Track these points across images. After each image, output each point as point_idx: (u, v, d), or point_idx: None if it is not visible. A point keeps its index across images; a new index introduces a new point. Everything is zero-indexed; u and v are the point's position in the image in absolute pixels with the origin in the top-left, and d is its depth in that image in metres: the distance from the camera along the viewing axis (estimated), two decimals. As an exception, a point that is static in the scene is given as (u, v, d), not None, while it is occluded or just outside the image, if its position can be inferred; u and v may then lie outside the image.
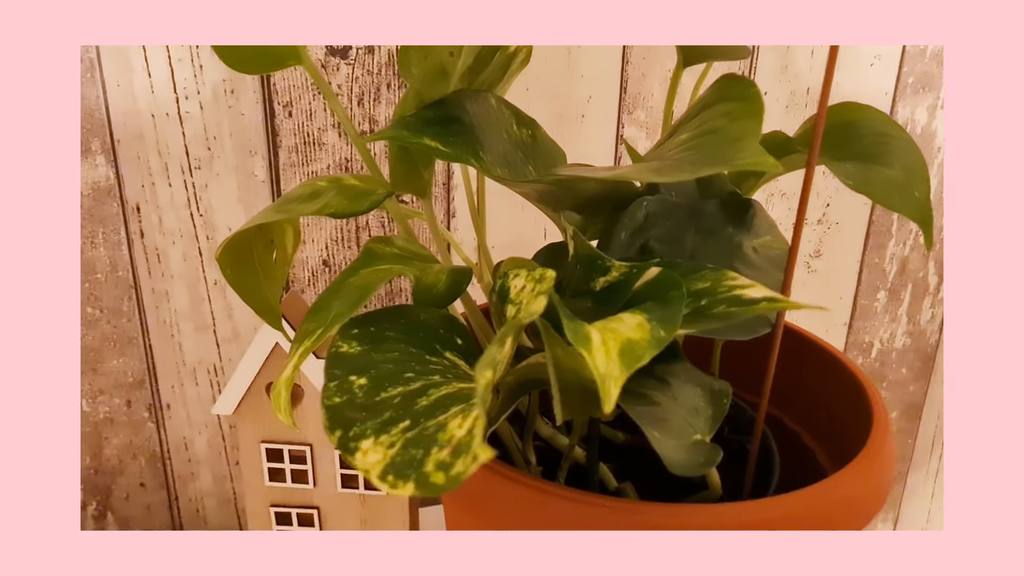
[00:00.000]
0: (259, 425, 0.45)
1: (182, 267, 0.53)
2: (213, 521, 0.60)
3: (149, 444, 0.57)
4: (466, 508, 0.33)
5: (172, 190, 0.51)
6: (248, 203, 0.52)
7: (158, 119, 0.49)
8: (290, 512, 0.47)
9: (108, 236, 0.51)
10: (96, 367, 0.54)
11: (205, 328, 0.55)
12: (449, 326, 0.33)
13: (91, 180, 0.49)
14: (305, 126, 0.52)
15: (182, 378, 0.56)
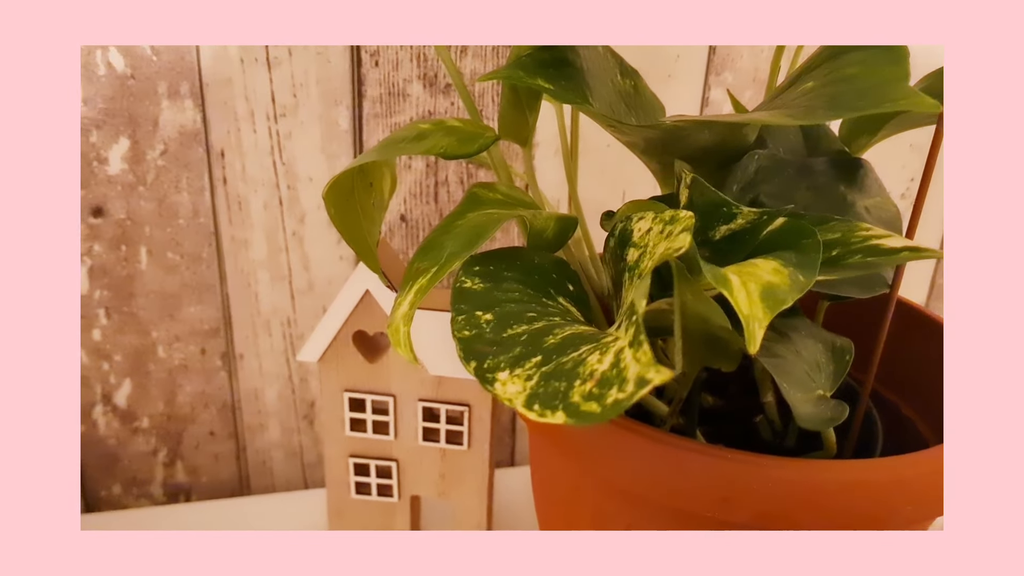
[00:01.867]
0: (343, 374, 0.45)
1: (262, 216, 0.53)
2: (279, 474, 0.61)
3: (221, 393, 0.57)
4: (575, 459, 0.33)
5: (256, 137, 0.51)
6: (330, 153, 0.52)
7: (247, 64, 0.49)
8: (368, 463, 0.47)
9: (192, 181, 0.51)
10: (173, 313, 0.54)
11: (281, 279, 0.55)
12: (561, 271, 0.32)
13: (178, 123, 0.49)
14: (391, 76, 0.51)
15: (256, 328, 0.56)
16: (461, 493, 0.47)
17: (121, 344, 0.54)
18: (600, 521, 0.34)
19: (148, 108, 0.48)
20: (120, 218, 0.50)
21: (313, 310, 0.56)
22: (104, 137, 0.48)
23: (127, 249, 0.51)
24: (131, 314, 0.53)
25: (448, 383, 0.44)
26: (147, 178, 0.50)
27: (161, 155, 0.50)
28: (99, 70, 0.47)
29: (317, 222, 0.54)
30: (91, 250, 0.51)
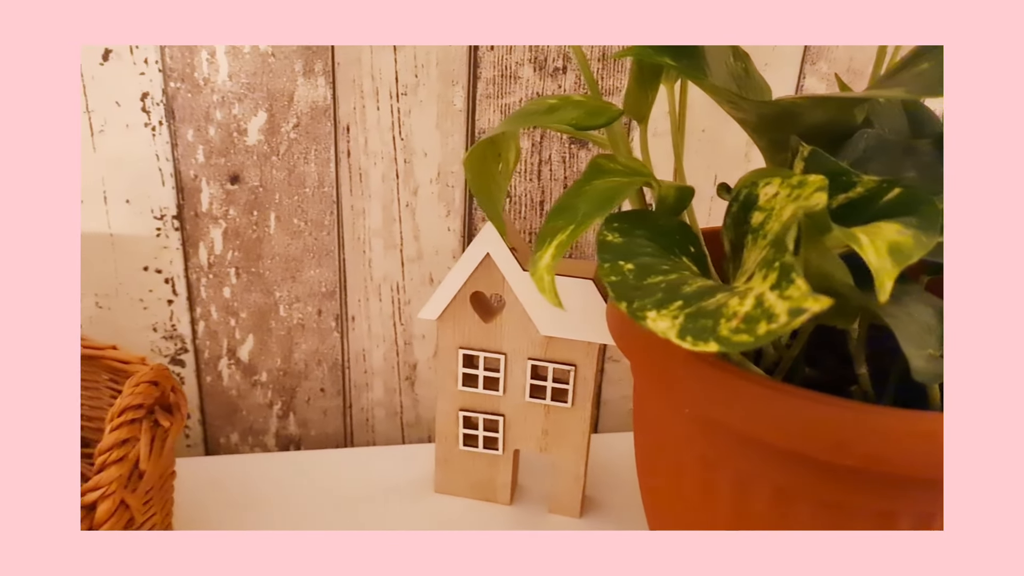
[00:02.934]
0: (459, 332, 0.48)
1: (380, 187, 0.57)
2: (380, 430, 0.65)
3: (332, 352, 0.61)
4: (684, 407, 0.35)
5: (379, 114, 0.55)
6: (444, 130, 0.56)
7: (376, 47, 0.53)
8: (477, 417, 0.50)
9: (319, 153, 0.55)
10: (295, 275, 0.58)
11: (393, 247, 0.59)
12: (683, 234, 0.35)
13: (311, 99, 0.53)
14: (504, 59, 0.54)
15: (368, 293, 0.60)
16: (562, 449, 0.50)
17: (247, 302, 0.58)
18: (708, 468, 0.37)
19: (285, 84, 0.53)
20: (254, 185, 0.55)
21: (420, 278, 0.60)
22: (245, 110, 0.53)
23: (258, 214, 0.56)
24: (258, 274, 0.58)
25: (556, 343, 0.47)
26: (280, 149, 0.54)
27: (294, 128, 0.54)
28: (244, 48, 0.51)
29: (429, 195, 0.57)
30: (226, 214, 0.56)
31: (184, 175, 0.54)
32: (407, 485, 0.55)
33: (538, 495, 0.54)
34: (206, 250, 0.56)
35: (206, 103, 0.52)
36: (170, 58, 0.51)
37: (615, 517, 0.52)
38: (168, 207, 0.55)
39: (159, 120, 0.52)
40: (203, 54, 0.51)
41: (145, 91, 0.51)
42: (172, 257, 0.56)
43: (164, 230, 0.55)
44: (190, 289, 0.57)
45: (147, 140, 0.53)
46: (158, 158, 0.53)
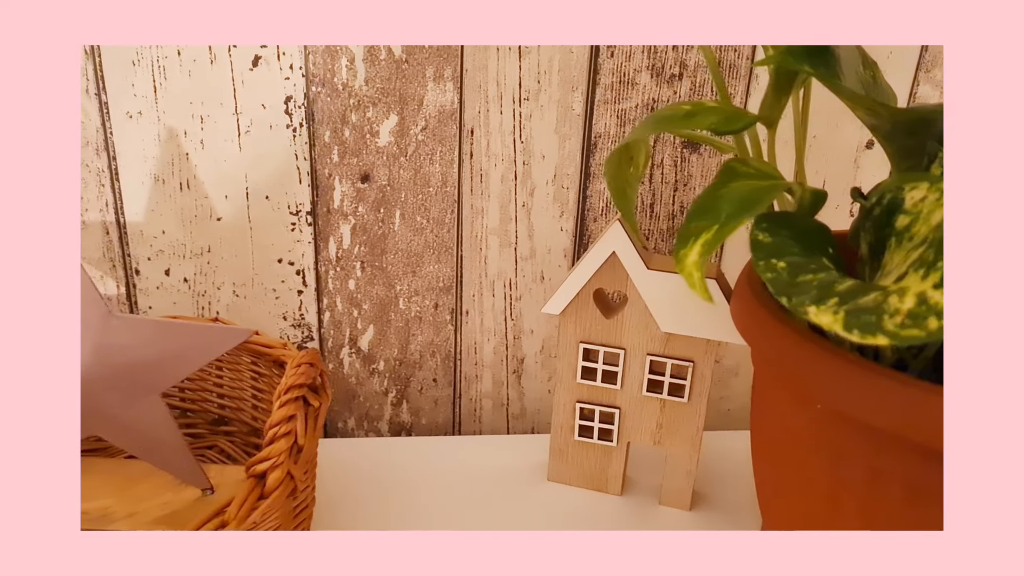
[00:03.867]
0: (580, 327, 0.51)
1: (499, 188, 0.59)
2: (486, 422, 0.68)
3: (446, 345, 0.64)
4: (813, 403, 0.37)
5: (502, 117, 0.57)
6: (562, 134, 0.58)
7: (502, 52, 0.55)
8: (594, 409, 0.52)
9: (444, 155, 0.58)
10: (416, 270, 0.61)
11: (508, 245, 0.61)
12: (822, 235, 0.37)
13: (439, 103, 0.56)
14: (623, 66, 0.56)
15: (482, 288, 0.63)
16: (675, 442, 0.52)
17: (370, 294, 0.62)
18: (837, 464, 0.38)
19: (416, 89, 0.56)
20: (382, 184, 0.58)
21: (532, 275, 0.62)
22: (378, 113, 0.56)
23: (384, 211, 0.59)
24: (381, 268, 0.61)
25: (676, 340, 0.49)
26: (408, 150, 0.58)
27: (422, 131, 0.57)
28: (381, 55, 0.55)
29: (544, 196, 0.60)
30: (356, 211, 0.59)
31: (320, 174, 0.58)
32: (519, 473, 0.57)
33: (647, 487, 0.56)
34: (335, 244, 0.60)
35: (343, 106, 0.56)
36: (313, 64, 0.54)
37: (724, 512, 0.54)
38: (303, 203, 0.58)
39: (300, 122, 0.56)
40: (343, 60, 0.55)
41: (289, 95, 0.55)
42: (304, 250, 0.60)
43: (299, 225, 0.59)
44: (319, 281, 0.61)
45: (288, 141, 0.56)
46: (297, 157, 0.57)
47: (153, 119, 0.55)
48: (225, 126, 0.55)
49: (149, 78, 0.54)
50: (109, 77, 0.53)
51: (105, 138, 0.55)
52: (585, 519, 0.53)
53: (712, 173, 0.60)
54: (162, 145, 0.55)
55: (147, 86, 0.54)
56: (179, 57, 0.53)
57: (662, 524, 0.52)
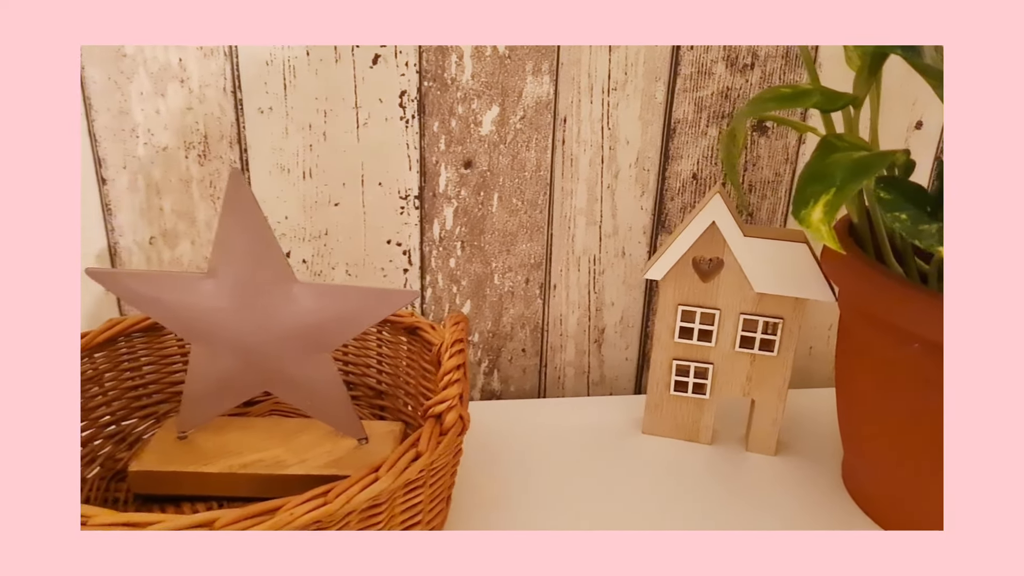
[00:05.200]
0: (679, 290, 0.57)
1: (587, 172, 0.65)
2: (569, 388, 0.74)
3: (535, 317, 0.70)
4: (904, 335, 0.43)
5: (592, 107, 0.63)
6: (645, 120, 0.64)
7: (594, 47, 0.61)
8: (689, 365, 0.59)
9: (539, 142, 0.64)
10: (510, 248, 0.67)
11: (593, 224, 0.67)
12: (922, 194, 0.43)
13: (536, 95, 0.62)
14: (701, 57, 0.62)
15: (569, 264, 0.69)
16: (763, 393, 0.58)
17: (468, 271, 0.68)
18: (928, 390, 0.44)
19: (516, 82, 0.62)
20: (483, 169, 0.64)
21: (615, 251, 0.68)
22: (482, 104, 0.62)
23: (484, 195, 0.65)
24: (479, 247, 0.67)
25: (767, 299, 0.55)
26: (507, 138, 0.63)
27: (520, 120, 0.63)
28: (487, 52, 0.61)
29: (627, 178, 0.66)
30: (459, 194, 0.65)
31: (427, 161, 0.63)
32: (613, 428, 0.63)
33: (732, 436, 0.62)
34: (439, 226, 0.66)
35: (451, 99, 0.62)
36: (426, 61, 0.60)
37: (805, 456, 0.60)
38: (412, 189, 0.64)
39: (412, 114, 0.62)
40: (453, 57, 0.60)
41: (403, 90, 0.61)
42: (411, 232, 0.66)
43: (407, 208, 0.65)
44: (423, 259, 0.67)
45: (400, 131, 0.62)
46: (408, 147, 0.63)
47: (282, 114, 0.60)
48: (345, 119, 0.61)
49: (280, 77, 0.59)
50: (244, 76, 0.59)
51: (238, 132, 0.60)
52: (680, 466, 0.59)
53: (778, 154, 0.66)
54: (289, 138, 0.61)
55: (278, 84, 0.59)
56: (308, 57, 0.59)
57: (751, 468, 0.58)
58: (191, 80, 0.58)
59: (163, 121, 0.59)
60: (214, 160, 0.61)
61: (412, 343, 0.58)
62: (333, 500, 0.37)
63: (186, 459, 0.50)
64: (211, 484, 0.49)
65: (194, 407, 0.50)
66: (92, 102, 0.58)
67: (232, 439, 0.52)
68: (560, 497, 0.55)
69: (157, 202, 0.61)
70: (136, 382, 0.57)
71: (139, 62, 0.57)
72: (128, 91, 0.58)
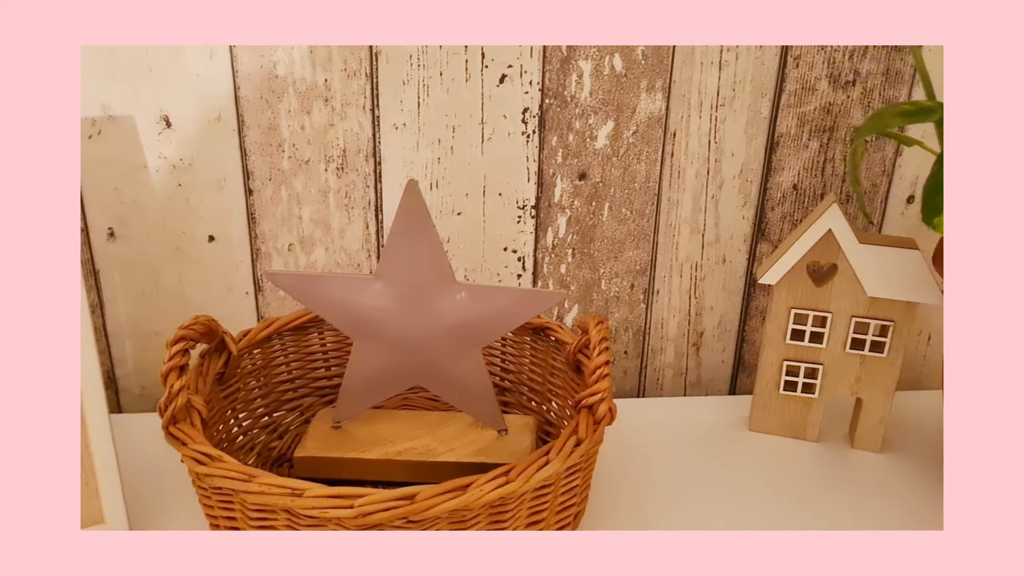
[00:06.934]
0: (792, 294, 0.60)
1: (693, 183, 0.69)
2: (667, 390, 0.77)
3: (637, 321, 0.74)
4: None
5: (700, 121, 0.67)
6: (750, 134, 0.68)
7: (704, 66, 0.65)
8: (799, 366, 0.62)
9: (649, 155, 0.68)
10: (618, 255, 0.71)
11: (696, 232, 0.71)
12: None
13: (648, 111, 0.66)
14: (806, 75, 0.66)
15: (672, 271, 0.72)
16: (871, 393, 0.61)
17: (578, 277, 0.72)
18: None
19: (630, 99, 0.66)
20: (596, 181, 0.68)
21: (716, 258, 0.72)
22: (598, 120, 0.66)
23: (595, 205, 0.69)
24: (588, 255, 0.71)
25: (879, 303, 0.58)
26: (620, 151, 0.67)
27: (632, 134, 0.67)
28: (604, 71, 0.65)
29: (731, 189, 0.69)
30: (572, 204, 0.69)
31: (545, 173, 0.68)
32: (720, 425, 0.67)
33: (836, 433, 0.65)
34: (552, 234, 0.70)
35: (570, 115, 0.66)
36: (548, 80, 0.64)
37: (910, 454, 0.63)
38: (529, 199, 0.68)
39: (533, 130, 0.66)
40: (573, 76, 0.65)
41: (526, 107, 0.65)
42: (526, 240, 0.70)
43: (523, 218, 0.69)
44: (536, 266, 0.71)
45: (521, 145, 0.66)
46: (527, 160, 0.67)
47: (415, 130, 0.65)
48: (472, 134, 0.65)
49: (415, 95, 0.64)
50: (382, 95, 0.63)
51: (374, 147, 0.65)
52: (788, 461, 0.62)
53: (875, 166, 0.69)
54: (419, 151, 0.66)
55: (412, 102, 0.64)
56: (441, 77, 0.63)
57: (857, 464, 0.61)
58: (335, 99, 0.63)
59: (307, 136, 0.64)
60: (350, 172, 0.66)
61: (537, 342, 0.62)
62: (515, 479, 0.41)
63: (345, 446, 0.54)
64: (369, 469, 0.53)
65: (351, 399, 0.55)
66: (244, 119, 0.63)
67: (382, 429, 0.56)
68: (679, 492, 0.58)
69: (297, 211, 0.66)
70: (284, 377, 0.61)
71: (289, 82, 0.62)
72: (277, 108, 0.63)
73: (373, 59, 0.62)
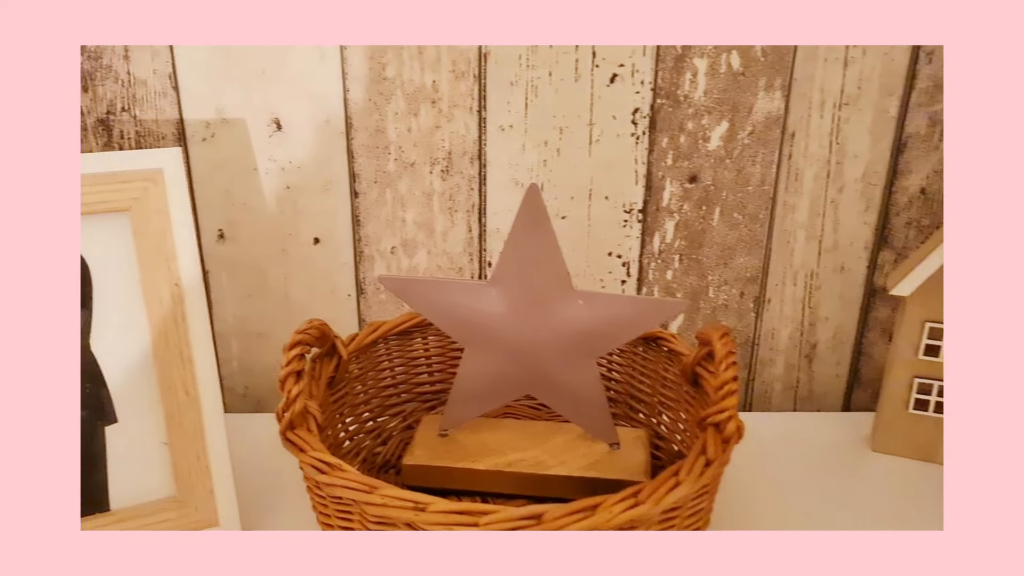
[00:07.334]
0: (927, 308, 0.56)
1: (811, 186, 0.65)
2: (775, 402, 0.73)
3: (746, 330, 0.70)
4: None
5: (822, 121, 0.63)
6: (876, 135, 0.64)
7: (828, 63, 0.61)
8: (932, 384, 0.57)
9: (765, 156, 0.64)
10: (727, 262, 0.68)
11: (813, 238, 0.67)
12: None
13: (766, 110, 0.63)
14: (939, 72, 0.62)
15: (785, 279, 0.69)
16: (1013, 415, 0.56)
17: (684, 284, 0.69)
18: None
19: (747, 98, 0.63)
20: (707, 184, 0.65)
21: (833, 266, 0.68)
22: (712, 120, 0.63)
23: (706, 209, 0.66)
24: (696, 260, 0.68)
25: (1027, 318, 0.54)
26: (733, 153, 0.64)
27: (748, 135, 0.64)
28: (720, 69, 0.62)
29: (852, 192, 0.65)
30: (681, 208, 0.66)
31: (653, 176, 0.65)
32: (839, 444, 0.63)
33: (970, 459, 0.61)
34: (659, 239, 0.67)
35: (682, 116, 0.63)
36: (661, 79, 0.62)
37: (1055, 481, 0.58)
38: (636, 202, 0.66)
39: (643, 131, 0.64)
40: (687, 75, 0.62)
41: (637, 107, 0.63)
42: (632, 244, 0.67)
43: (629, 222, 0.67)
44: (641, 272, 0.68)
45: (631, 147, 0.64)
46: (636, 162, 0.64)
47: (521, 131, 0.63)
48: (579, 136, 0.64)
49: (523, 96, 0.62)
50: (490, 96, 0.62)
51: (479, 149, 0.64)
52: (918, 487, 0.57)
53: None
54: (525, 153, 0.64)
55: (520, 103, 0.62)
56: (550, 77, 0.62)
57: (995, 491, 0.57)
58: (442, 100, 0.62)
59: (413, 138, 0.63)
60: (455, 175, 0.65)
61: (648, 352, 0.59)
62: (646, 501, 0.39)
63: (454, 455, 0.53)
64: (479, 480, 0.52)
65: (460, 407, 0.53)
66: (353, 121, 0.63)
67: (490, 438, 0.55)
68: (800, 516, 0.55)
69: (401, 214, 0.66)
70: (388, 382, 0.60)
71: (397, 84, 0.62)
72: (385, 111, 0.62)
73: (482, 60, 0.61)
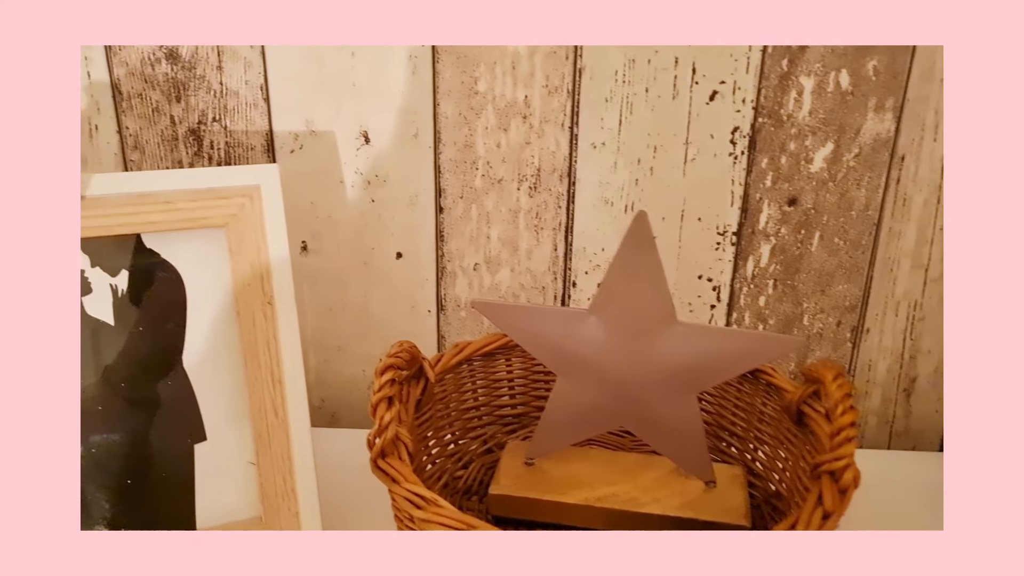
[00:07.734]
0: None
1: (919, 212, 0.62)
2: (868, 437, 0.70)
3: (842, 361, 0.67)
4: None
5: (935, 145, 0.60)
6: (993, 160, 0.60)
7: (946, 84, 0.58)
8: (1054, 430, 0.53)
9: (871, 180, 0.61)
10: (825, 289, 0.65)
11: (919, 267, 0.63)
12: None
13: (875, 132, 0.60)
14: (1068, 93, 0.57)
15: (887, 308, 0.65)
16: None
17: (777, 311, 0.66)
18: None
19: (855, 118, 0.59)
20: (807, 207, 0.62)
21: (938, 297, 0.64)
22: (815, 141, 0.60)
23: (804, 233, 0.63)
24: (792, 287, 0.65)
25: None
26: (837, 176, 0.61)
27: (854, 157, 0.60)
28: (828, 87, 0.59)
29: (964, 219, 0.61)
30: (778, 232, 0.63)
31: (751, 198, 0.62)
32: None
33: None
34: (753, 263, 0.64)
35: (784, 136, 0.60)
36: (764, 98, 0.59)
37: None
38: (730, 225, 0.63)
39: (742, 151, 0.61)
40: (792, 94, 0.59)
41: (736, 126, 0.60)
42: (724, 268, 0.65)
43: (723, 245, 0.64)
44: (732, 296, 0.65)
45: (728, 167, 0.61)
46: (732, 183, 0.62)
47: (613, 149, 0.61)
48: (674, 154, 0.61)
49: (617, 113, 0.60)
50: (582, 112, 0.60)
51: (570, 166, 0.62)
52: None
53: None
54: (617, 172, 0.62)
55: (614, 120, 0.60)
56: (646, 94, 0.59)
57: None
58: (533, 116, 0.60)
59: (502, 154, 0.62)
60: (543, 192, 0.63)
61: (743, 384, 0.56)
62: (763, 555, 0.36)
63: (541, 487, 0.51)
64: (567, 514, 0.50)
65: (549, 436, 0.52)
66: (441, 136, 0.61)
67: (578, 469, 0.53)
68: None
69: (485, 230, 0.64)
70: (470, 404, 0.59)
71: (488, 99, 0.60)
72: (475, 126, 0.61)
73: (576, 75, 0.59)
